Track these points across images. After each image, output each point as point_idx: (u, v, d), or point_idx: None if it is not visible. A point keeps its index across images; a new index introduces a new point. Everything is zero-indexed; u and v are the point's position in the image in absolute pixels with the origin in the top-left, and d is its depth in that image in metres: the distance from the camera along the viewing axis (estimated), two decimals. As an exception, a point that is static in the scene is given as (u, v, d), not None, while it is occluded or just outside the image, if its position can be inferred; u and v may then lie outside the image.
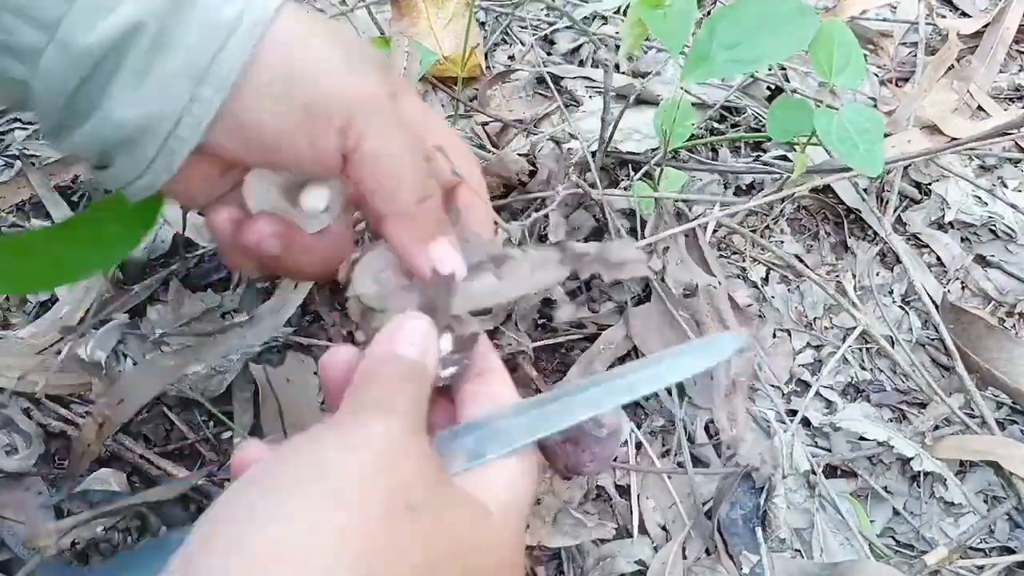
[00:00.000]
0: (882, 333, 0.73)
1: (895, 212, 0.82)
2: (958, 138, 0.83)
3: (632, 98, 0.79)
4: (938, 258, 0.80)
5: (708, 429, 0.66)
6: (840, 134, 0.64)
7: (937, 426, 0.68)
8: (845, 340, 0.72)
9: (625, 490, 0.63)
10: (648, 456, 0.65)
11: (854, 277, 0.78)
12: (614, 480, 0.63)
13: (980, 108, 0.92)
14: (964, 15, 1.04)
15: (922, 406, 0.69)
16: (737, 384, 0.66)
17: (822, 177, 0.77)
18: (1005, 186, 0.86)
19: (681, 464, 0.64)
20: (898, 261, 0.78)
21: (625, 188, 0.77)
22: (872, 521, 0.64)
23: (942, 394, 0.68)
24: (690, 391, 0.68)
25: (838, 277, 0.78)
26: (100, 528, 0.56)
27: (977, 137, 0.79)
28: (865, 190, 0.82)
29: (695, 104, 0.86)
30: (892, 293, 0.78)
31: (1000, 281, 0.79)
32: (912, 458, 0.64)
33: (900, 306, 0.77)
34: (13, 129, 0.80)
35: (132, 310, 0.67)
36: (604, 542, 0.60)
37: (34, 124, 0.80)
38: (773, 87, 0.91)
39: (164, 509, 0.58)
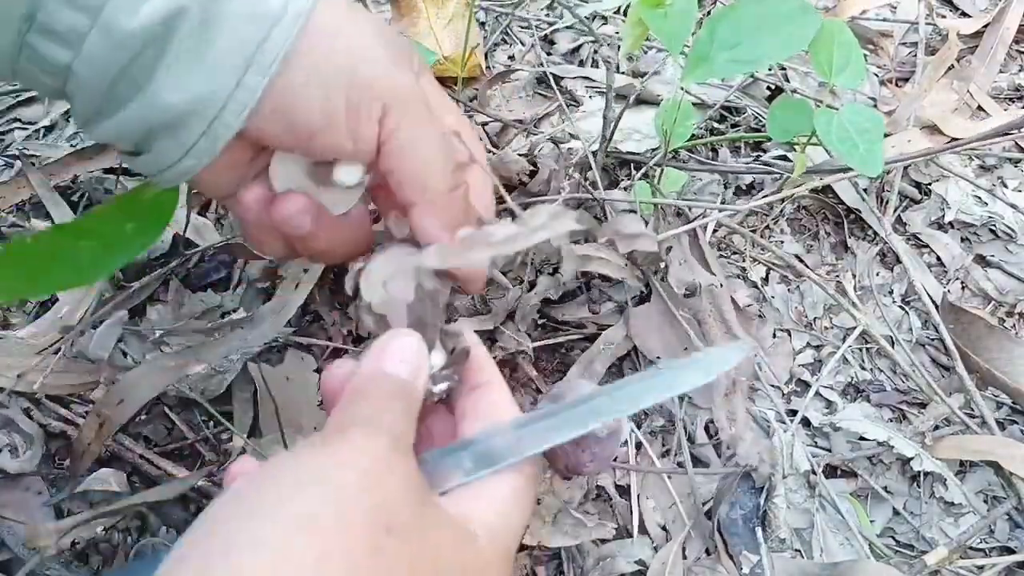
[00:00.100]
0: (882, 333, 0.73)
1: (895, 212, 0.82)
2: (958, 138, 0.83)
3: (632, 98, 0.79)
4: (938, 258, 0.80)
5: (708, 429, 0.66)
6: (840, 134, 0.64)
7: (937, 426, 0.68)
8: (845, 340, 0.72)
9: (625, 490, 0.63)
10: (648, 456, 0.65)
11: (854, 277, 0.78)
12: (614, 480, 0.63)
13: (980, 108, 0.92)
14: (964, 15, 1.04)
15: (922, 406, 0.69)
16: (737, 384, 0.66)
17: (822, 177, 0.77)
18: (1005, 186, 0.86)
19: (681, 464, 0.64)
20: (898, 261, 0.78)
21: (625, 188, 0.77)
22: (872, 521, 0.64)
23: (942, 394, 0.68)
24: (690, 391, 0.68)
25: (838, 277, 0.78)
26: (100, 528, 0.56)
27: (977, 137, 0.79)
28: (865, 190, 0.82)
29: (695, 104, 0.86)
30: (892, 293, 0.78)
31: (1000, 281, 0.79)
32: (912, 458, 0.64)
33: (900, 306, 0.77)
34: (13, 129, 0.80)
35: (132, 309, 0.67)
36: (604, 542, 0.60)
37: (34, 124, 0.80)
38: (773, 87, 0.91)
39: (164, 509, 0.58)
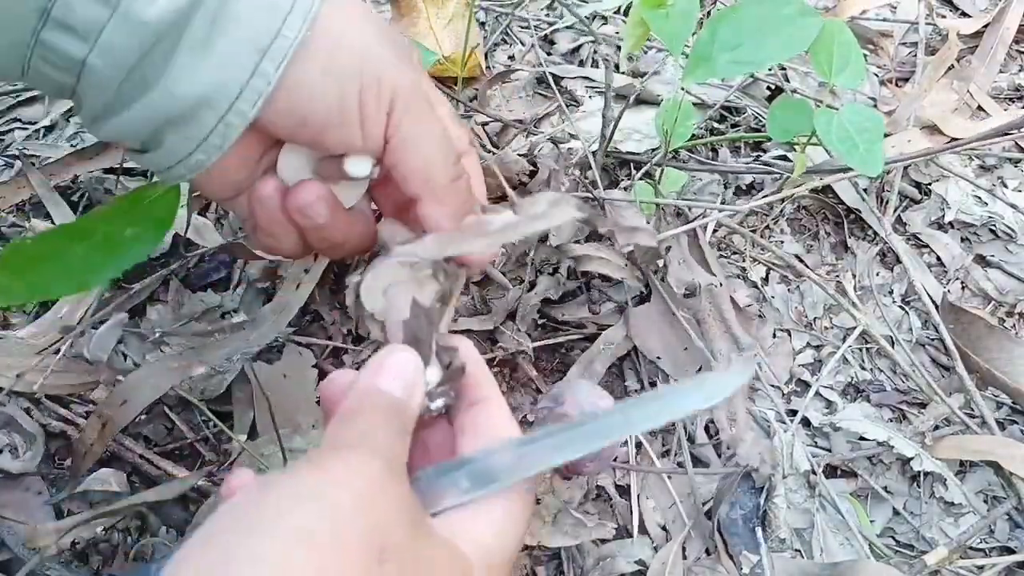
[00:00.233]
0: (882, 333, 0.73)
1: (895, 212, 0.82)
2: (958, 138, 0.83)
3: (632, 98, 0.79)
4: (938, 258, 0.80)
5: (708, 429, 0.66)
6: (840, 134, 0.64)
7: (937, 426, 0.68)
8: (845, 340, 0.72)
9: (625, 490, 0.63)
10: (648, 456, 0.65)
11: (854, 277, 0.78)
12: (614, 480, 0.63)
13: (980, 108, 0.92)
14: (964, 15, 1.04)
15: (922, 406, 0.69)
16: (737, 384, 0.66)
17: (822, 177, 0.77)
18: (1005, 186, 0.86)
19: (681, 464, 0.64)
20: (898, 261, 0.78)
21: (625, 188, 0.77)
22: (872, 521, 0.64)
23: (942, 394, 0.68)
24: (690, 391, 0.68)
25: (838, 277, 0.78)
26: (100, 528, 0.56)
27: (977, 137, 0.79)
28: (865, 190, 0.82)
29: (695, 104, 0.86)
30: (892, 293, 0.78)
31: (1000, 281, 0.79)
32: (912, 458, 0.64)
33: (900, 306, 0.77)
34: (13, 129, 0.80)
35: (132, 310, 0.67)
36: (604, 542, 0.60)
37: (34, 124, 0.80)
38: (773, 87, 0.91)
39: (164, 509, 0.58)
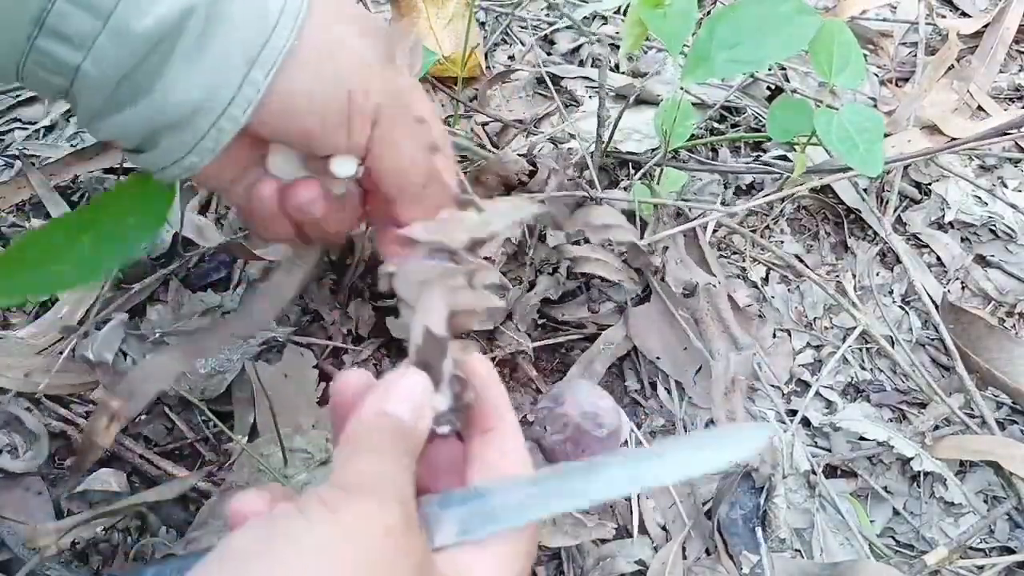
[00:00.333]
0: (882, 333, 0.73)
1: (895, 212, 0.82)
2: (958, 138, 0.83)
3: (632, 98, 0.79)
4: (938, 258, 0.80)
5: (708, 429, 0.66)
6: (840, 134, 0.64)
7: (937, 426, 0.68)
8: (845, 340, 0.72)
9: (625, 490, 0.63)
10: (648, 456, 0.64)
11: (854, 277, 0.78)
12: (614, 480, 0.63)
13: (980, 108, 0.92)
14: (964, 15, 1.04)
15: (922, 406, 0.69)
16: (736, 383, 0.66)
17: (822, 177, 0.77)
18: (1005, 186, 0.86)
19: (681, 464, 0.64)
20: (898, 261, 0.78)
21: (625, 188, 0.77)
22: (872, 521, 0.64)
23: (942, 394, 0.68)
24: (690, 391, 0.68)
25: (838, 277, 0.78)
26: (100, 528, 0.56)
27: (977, 137, 0.79)
28: (865, 190, 0.82)
29: (695, 104, 0.86)
30: (892, 293, 0.78)
31: (1000, 281, 0.79)
32: (912, 458, 0.64)
33: (900, 306, 0.77)
34: (13, 129, 0.80)
35: (132, 310, 0.67)
36: (604, 542, 0.60)
37: (34, 124, 0.80)
38: (773, 87, 0.91)
39: (164, 509, 0.58)
